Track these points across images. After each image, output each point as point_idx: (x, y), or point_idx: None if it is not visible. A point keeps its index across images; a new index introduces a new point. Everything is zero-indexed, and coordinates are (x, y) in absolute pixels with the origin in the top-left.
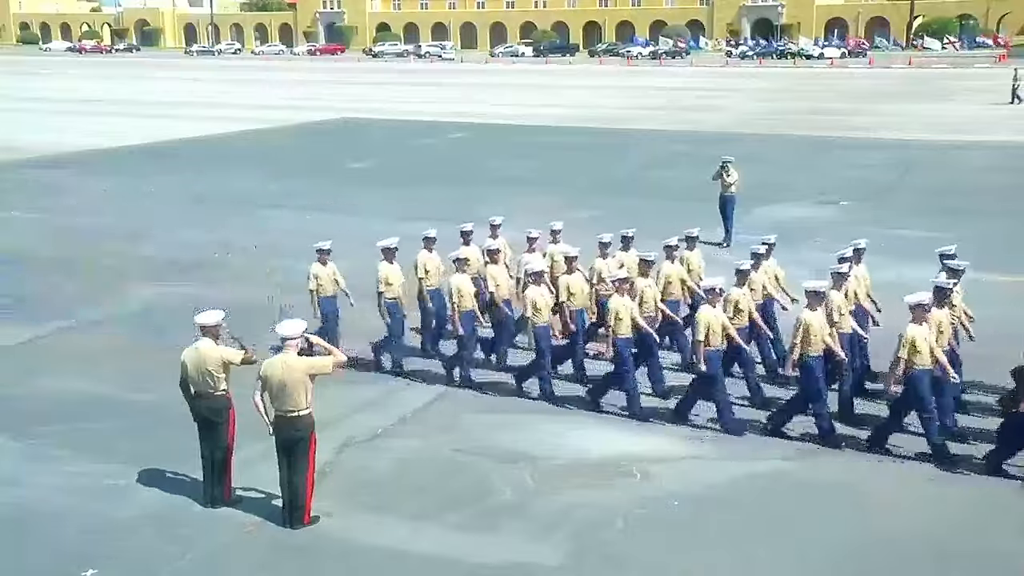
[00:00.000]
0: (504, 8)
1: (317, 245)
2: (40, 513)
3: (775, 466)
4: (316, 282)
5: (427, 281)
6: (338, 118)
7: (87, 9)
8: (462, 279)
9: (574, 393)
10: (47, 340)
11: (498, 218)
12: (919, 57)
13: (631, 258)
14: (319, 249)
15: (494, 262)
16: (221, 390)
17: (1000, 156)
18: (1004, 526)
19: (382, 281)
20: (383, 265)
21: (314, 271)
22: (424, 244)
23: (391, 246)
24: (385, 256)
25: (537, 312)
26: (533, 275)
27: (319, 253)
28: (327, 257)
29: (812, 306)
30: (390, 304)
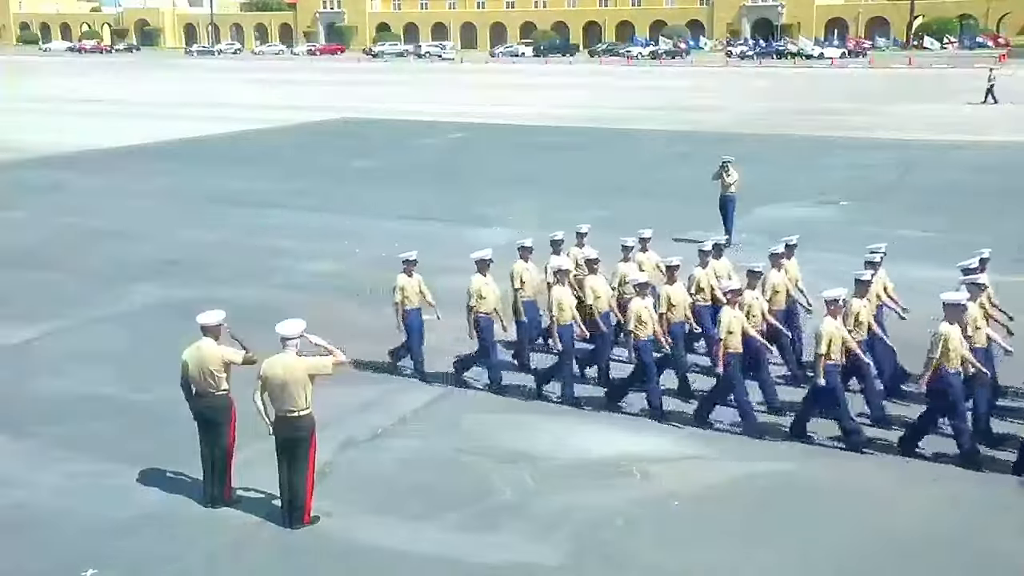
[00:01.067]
0: (504, 8)
1: (403, 256)
2: (40, 513)
3: (775, 466)
4: (402, 294)
5: (522, 293)
6: (338, 118)
7: (87, 9)
8: (563, 291)
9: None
10: (47, 340)
11: (585, 225)
12: (919, 57)
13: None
14: (405, 260)
15: (592, 272)
16: (222, 390)
17: (1000, 156)
18: (1004, 526)
19: (474, 295)
20: (476, 278)
21: (400, 283)
22: (520, 254)
23: (485, 258)
24: (479, 268)
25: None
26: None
27: (405, 264)
28: (413, 268)
29: (950, 319)
30: (482, 319)
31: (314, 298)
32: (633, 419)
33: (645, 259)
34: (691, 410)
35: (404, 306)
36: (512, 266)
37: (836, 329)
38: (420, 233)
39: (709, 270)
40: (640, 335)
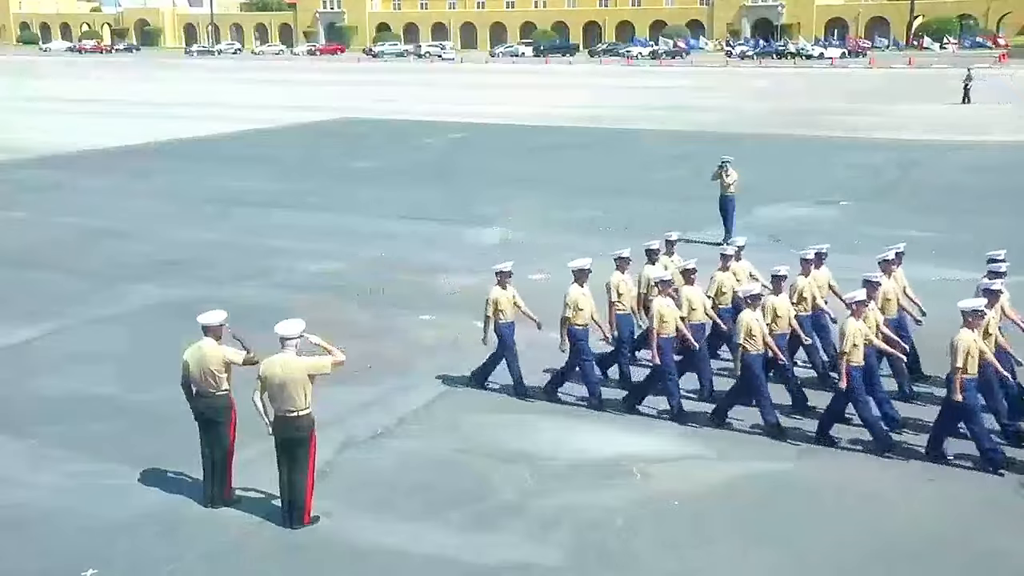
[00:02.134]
0: (504, 8)
1: (497, 267)
2: (40, 513)
3: (775, 466)
4: (495, 307)
5: (619, 305)
6: (338, 118)
7: (87, 9)
8: (665, 302)
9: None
10: (47, 340)
11: (674, 233)
12: (919, 57)
13: (674, 262)
14: (500, 272)
15: (689, 283)
16: (223, 390)
17: (999, 156)
18: (1004, 526)
19: (571, 306)
20: (573, 288)
21: (493, 296)
22: (617, 265)
23: (584, 267)
24: (576, 278)
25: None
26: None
27: (499, 276)
28: (508, 280)
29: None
30: (578, 331)
31: (314, 298)
32: (633, 419)
33: (670, 262)
34: None
35: (498, 320)
36: (609, 278)
37: (974, 341)
38: (420, 233)
39: (811, 279)
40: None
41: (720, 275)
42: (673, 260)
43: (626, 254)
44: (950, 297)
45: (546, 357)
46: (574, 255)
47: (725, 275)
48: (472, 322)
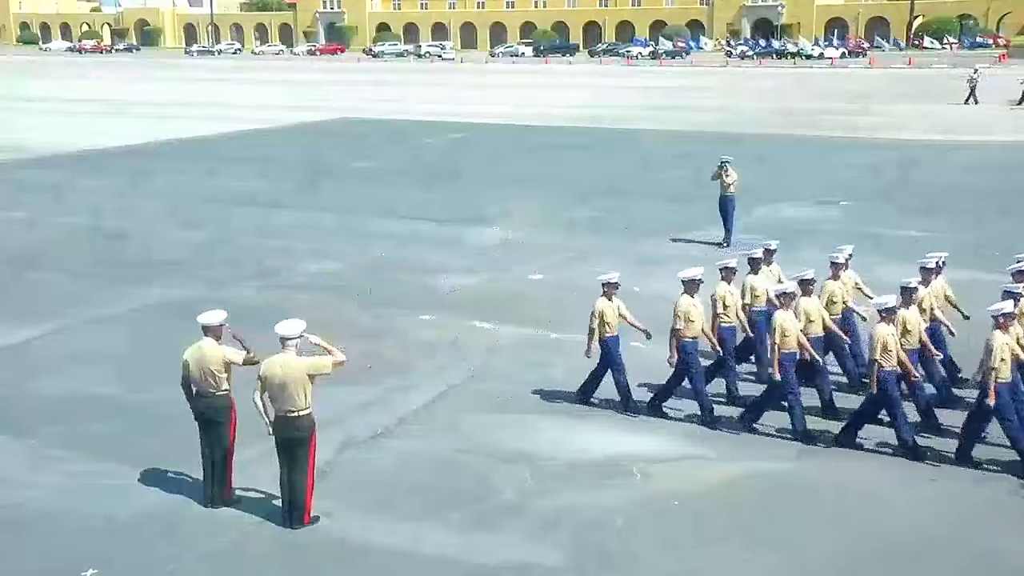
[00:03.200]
0: (504, 8)
1: (603, 278)
2: (40, 513)
3: (775, 466)
4: (600, 319)
5: (724, 318)
6: (338, 118)
7: (87, 9)
8: (787, 315)
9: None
10: (47, 340)
11: (773, 242)
12: (919, 57)
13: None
14: (606, 283)
15: (806, 294)
16: (223, 390)
17: (1000, 156)
18: (1004, 526)
19: (682, 317)
20: (684, 299)
21: (599, 307)
22: (722, 275)
23: (695, 278)
24: (686, 289)
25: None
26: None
27: (605, 287)
28: (614, 291)
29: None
30: (688, 344)
31: (314, 298)
32: (633, 419)
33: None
34: None
35: (603, 332)
36: (715, 288)
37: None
38: (420, 233)
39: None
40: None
41: (831, 284)
42: (771, 270)
43: (733, 264)
44: (955, 298)
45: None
46: (574, 255)
47: (836, 284)
48: (472, 322)
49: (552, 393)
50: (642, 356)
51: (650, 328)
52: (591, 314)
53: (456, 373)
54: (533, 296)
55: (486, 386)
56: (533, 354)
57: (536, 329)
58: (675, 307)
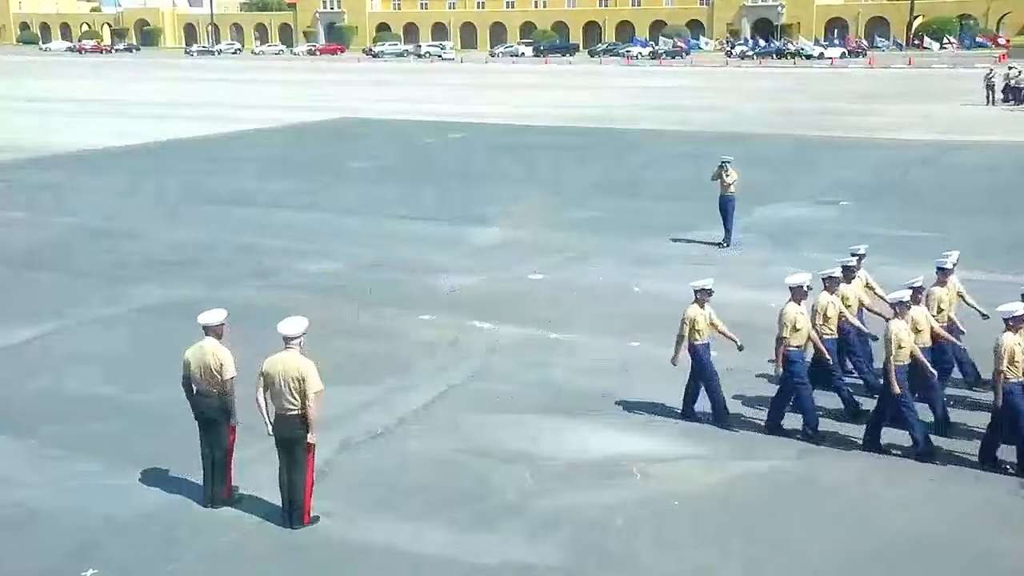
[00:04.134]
0: (504, 8)
1: (696, 284)
2: (40, 513)
3: (775, 466)
4: (691, 326)
5: (825, 329)
6: (338, 118)
7: (87, 9)
8: (901, 325)
9: None
10: (47, 340)
11: (862, 247)
12: (919, 57)
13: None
14: (699, 289)
15: (915, 302)
16: (223, 390)
17: (999, 156)
18: (1004, 526)
19: (788, 325)
20: (790, 307)
21: (691, 314)
22: (825, 285)
23: (802, 284)
24: (793, 296)
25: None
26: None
27: (698, 294)
28: (707, 298)
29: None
30: (793, 353)
31: (314, 298)
32: (633, 419)
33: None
34: None
35: (694, 340)
36: (816, 298)
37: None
38: (420, 233)
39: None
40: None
41: (938, 291)
42: (859, 276)
43: (837, 273)
44: None
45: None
46: (574, 255)
47: (943, 290)
48: (472, 322)
49: (552, 393)
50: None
51: (659, 332)
52: (681, 321)
53: (456, 373)
54: (533, 296)
55: (486, 386)
56: (533, 354)
57: (536, 329)
58: (781, 315)
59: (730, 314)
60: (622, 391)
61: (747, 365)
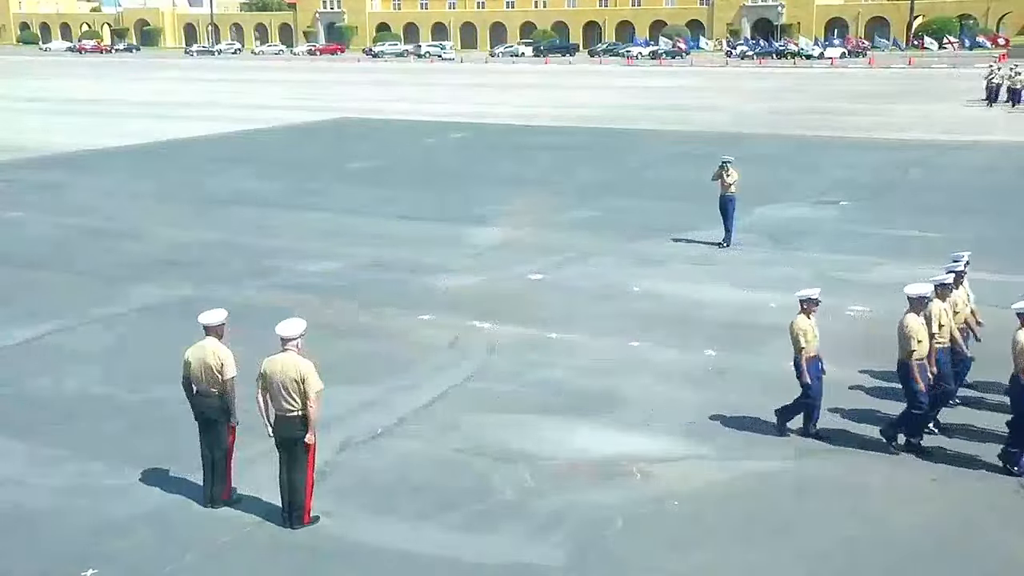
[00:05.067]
0: (504, 8)
1: (803, 294)
2: (40, 513)
3: (775, 466)
4: (804, 339)
5: (939, 339)
6: (337, 118)
7: (87, 9)
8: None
9: None
10: (47, 340)
11: (965, 254)
12: (919, 57)
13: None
14: (806, 299)
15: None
16: (224, 390)
17: (999, 156)
18: (1004, 525)
19: (913, 337)
20: (910, 318)
21: (801, 326)
22: (937, 292)
23: (924, 295)
24: (912, 307)
25: None
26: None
27: (804, 304)
28: (814, 308)
29: None
30: (913, 366)
31: (314, 298)
32: (633, 419)
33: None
34: None
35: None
36: (929, 307)
37: None
38: (419, 233)
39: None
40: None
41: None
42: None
43: (949, 280)
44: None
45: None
46: (574, 255)
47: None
48: (471, 322)
49: (552, 393)
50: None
51: (659, 332)
52: (794, 335)
53: (456, 373)
54: (533, 296)
55: (486, 386)
56: (533, 354)
57: (536, 329)
58: (905, 328)
59: (730, 314)
60: (622, 391)
61: (746, 365)
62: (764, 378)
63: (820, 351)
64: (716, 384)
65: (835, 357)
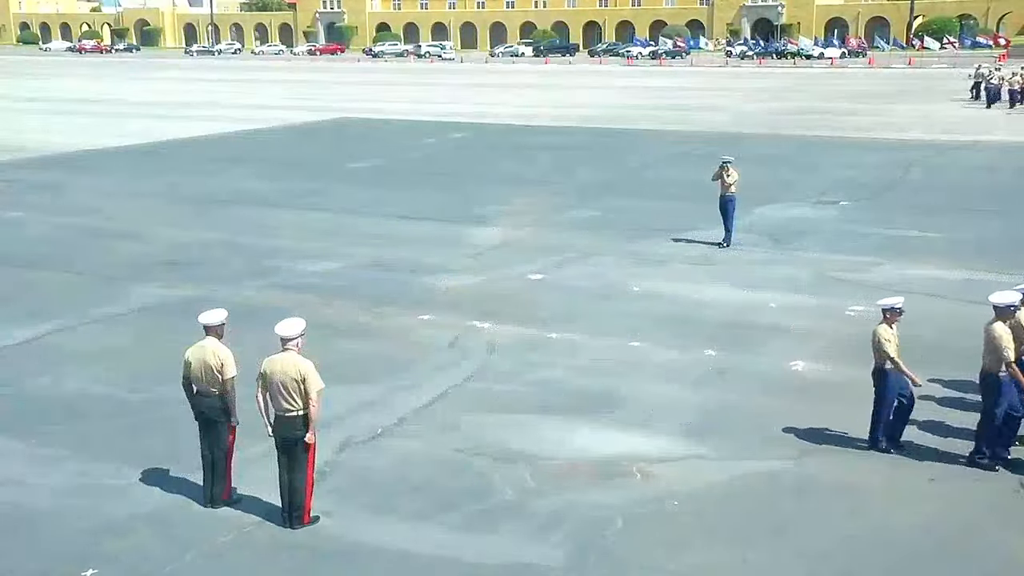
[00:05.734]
0: (504, 8)
1: (886, 303)
2: (40, 513)
3: (775, 466)
4: (890, 348)
5: None
6: (338, 118)
7: (87, 9)
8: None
9: None
10: (47, 340)
11: None
12: (919, 57)
13: None
14: (888, 308)
15: None
16: (224, 390)
17: (999, 156)
18: (1004, 525)
19: (1008, 347)
20: (999, 326)
21: (884, 335)
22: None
23: (1014, 303)
24: (999, 315)
25: None
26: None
27: (887, 313)
28: (897, 317)
29: None
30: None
31: (314, 298)
32: (633, 419)
33: None
34: None
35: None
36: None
37: None
38: (419, 233)
39: None
40: None
41: None
42: None
43: None
44: (955, 298)
45: None
46: (574, 255)
47: None
48: (471, 322)
49: (552, 393)
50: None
51: (659, 332)
52: (880, 342)
53: (456, 373)
54: (533, 296)
55: (486, 386)
56: (533, 354)
57: (536, 329)
58: (998, 338)
59: (730, 314)
60: (622, 391)
61: (745, 365)
62: (764, 378)
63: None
64: (716, 384)
65: (835, 357)
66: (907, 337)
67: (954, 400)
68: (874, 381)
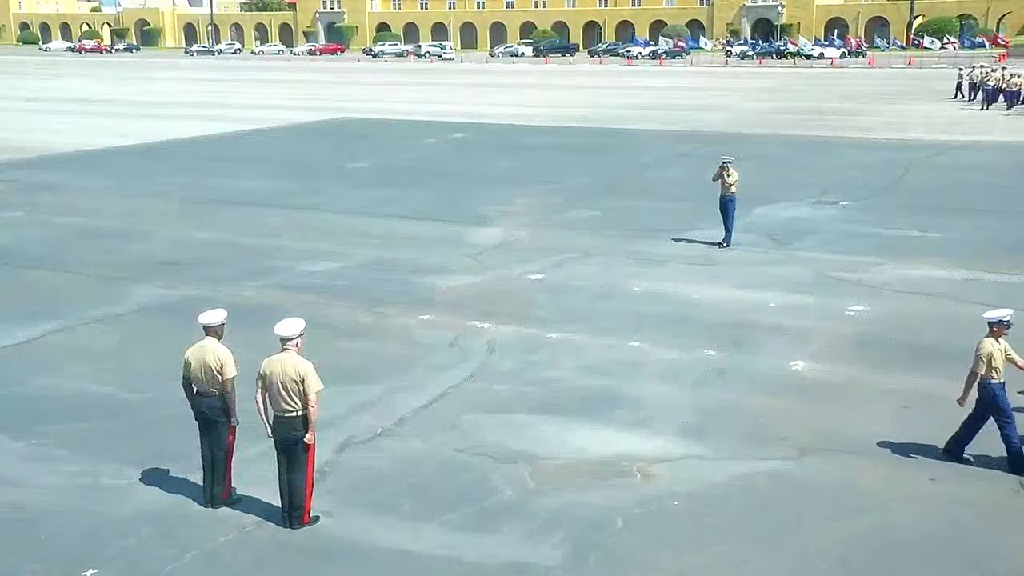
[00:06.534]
0: (504, 8)
1: (992, 315)
2: (40, 513)
3: (775, 466)
4: (988, 363)
5: None
6: (338, 118)
7: (87, 9)
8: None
9: None
10: (46, 340)
11: None
12: (919, 57)
13: None
14: (997, 321)
15: None
16: (224, 390)
17: (999, 156)
18: (1004, 526)
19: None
20: None
21: (987, 349)
22: None
23: None
24: None
25: None
26: None
27: (993, 326)
28: (1005, 331)
29: None
30: None
31: (314, 298)
32: (633, 419)
33: None
34: None
35: (990, 378)
36: None
37: None
38: (419, 233)
39: None
40: None
41: None
42: None
43: None
44: (955, 298)
45: None
46: (574, 255)
47: None
48: (471, 322)
49: (552, 393)
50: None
51: (659, 332)
52: (977, 357)
53: (456, 373)
54: (533, 296)
55: (486, 386)
56: (533, 354)
57: (536, 329)
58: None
59: (730, 314)
60: (622, 391)
61: (745, 365)
62: (764, 378)
63: None
64: (716, 384)
65: (835, 357)
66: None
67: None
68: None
